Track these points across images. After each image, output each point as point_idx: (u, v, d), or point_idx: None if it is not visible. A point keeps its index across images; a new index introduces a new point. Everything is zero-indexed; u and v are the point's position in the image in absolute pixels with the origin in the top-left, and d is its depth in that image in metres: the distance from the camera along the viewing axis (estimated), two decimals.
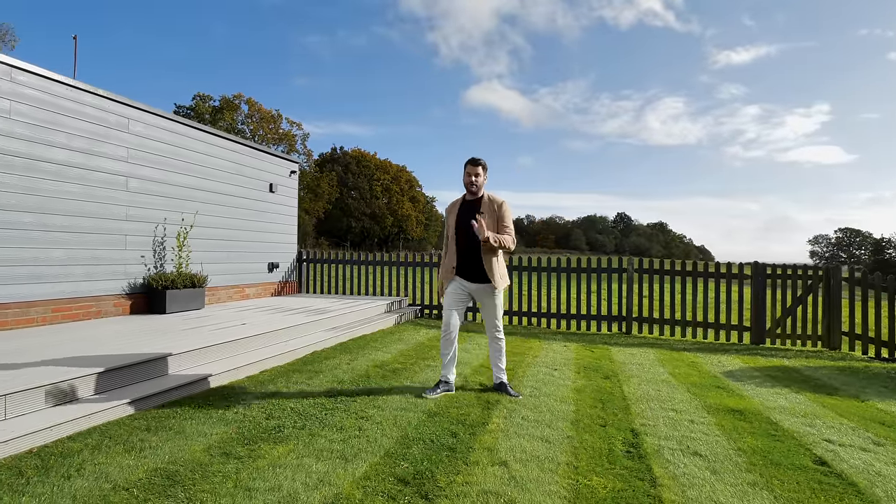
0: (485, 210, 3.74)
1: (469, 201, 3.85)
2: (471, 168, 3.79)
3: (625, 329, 7.35)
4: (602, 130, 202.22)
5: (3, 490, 2.11)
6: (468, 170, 3.80)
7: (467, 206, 3.83)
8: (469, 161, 3.81)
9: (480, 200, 3.79)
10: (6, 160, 4.68)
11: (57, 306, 5.16)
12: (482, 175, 3.80)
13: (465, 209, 3.81)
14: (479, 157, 3.81)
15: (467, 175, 3.79)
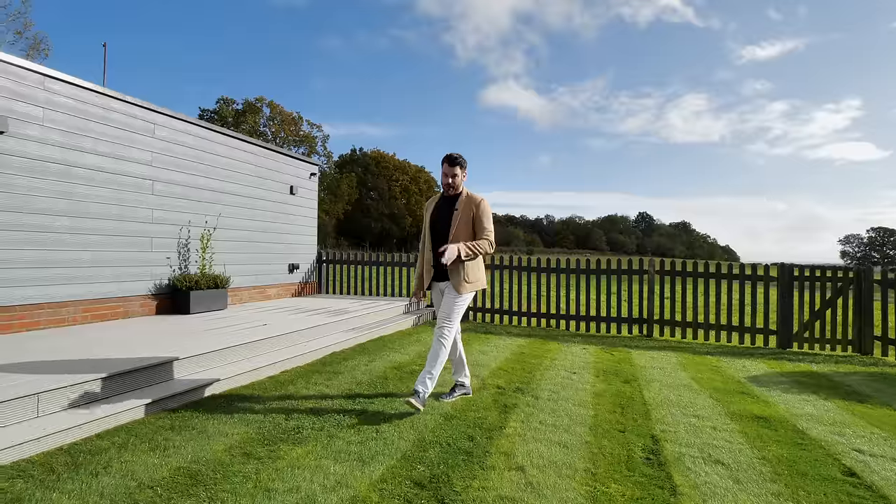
0: (461, 209, 3.53)
1: (446, 198, 3.65)
2: (447, 168, 3.56)
3: (646, 332, 7.24)
4: (622, 129, 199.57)
5: (36, 486, 2.19)
6: (445, 169, 3.57)
7: (445, 203, 3.63)
8: (445, 160, 3.56)
9: (458, 198, 3.59)
10: (41, 166, 4.85)
11: (87, 307, 5.33)
12: (459, 174, 3.56)
13: (442, 207, 3.62)
14: (456, 155, 3.56)
15: (444, 175, 3.58)
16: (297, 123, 46.48)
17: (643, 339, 6.96)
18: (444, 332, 3.51)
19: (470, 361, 5.01)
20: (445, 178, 3.58)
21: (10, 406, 2.69)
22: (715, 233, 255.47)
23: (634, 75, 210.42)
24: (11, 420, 2.69)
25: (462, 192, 3.60)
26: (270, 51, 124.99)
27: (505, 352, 5.61)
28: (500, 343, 6.17)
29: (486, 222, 3.54)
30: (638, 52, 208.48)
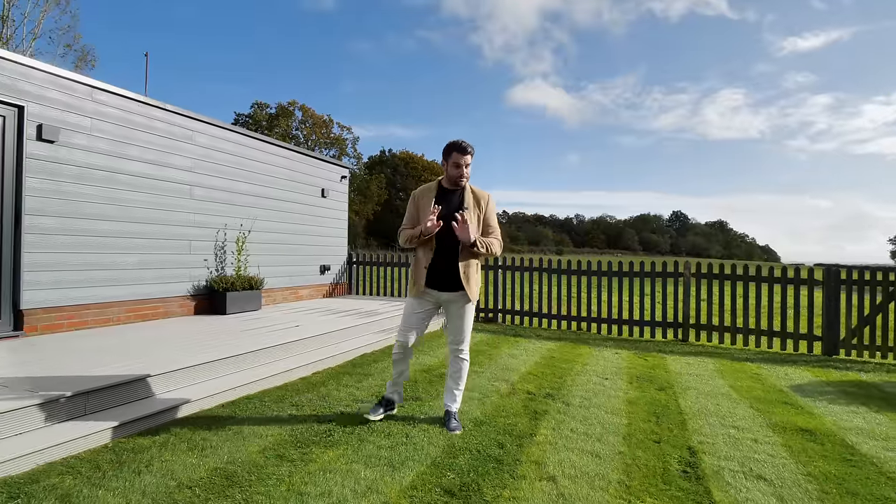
0: (468, 205, 3.13)
1: (447, 190, 3.18)
2: (460, 156, 3.07)
3: (681, 336, 7.03)
4: (655, 125, 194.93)
5: (83, 483, 2.30)
6: (456, 159, 3.07)
7: (447, 197, 3.14)
8: (456, 148, 3.08)
9: (462, 192, 3.17)
10: (89, 173, 5.09)
11: (130, 307, 5.56)
12: (470, 164, 3.15)
13: (447, 202, 3.12)
14: (467, 143, 3.11)
15: (455, 166, 3.08)
16: (328, 126, 47.29)
17: (678, 343, 6.77)
18: (466, 345, 3.28)
19: (499, 365, 4.99)
20: (457, 168, 3.09)
21: (61, 405, 2.82)
22: (753, 232, 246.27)
23: (668, 70, 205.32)
24: (64, 417, 2.83)
25: (466, 185, 3.20)
26: (301, 55, 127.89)
27: (535, 355, 5.55)
28: (530, 346, 6.10)
29: (494, 221, 3.25)
30: (671, 47, 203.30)
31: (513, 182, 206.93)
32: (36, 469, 2.41)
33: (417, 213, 3.20)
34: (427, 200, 3.14)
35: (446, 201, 3.12)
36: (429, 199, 3.14)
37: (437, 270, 3.13)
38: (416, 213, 3.22)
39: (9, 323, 4.50)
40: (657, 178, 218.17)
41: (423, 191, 3.24)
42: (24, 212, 4.55)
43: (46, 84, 4.74)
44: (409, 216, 3.26)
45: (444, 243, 3.10)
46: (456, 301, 3.18)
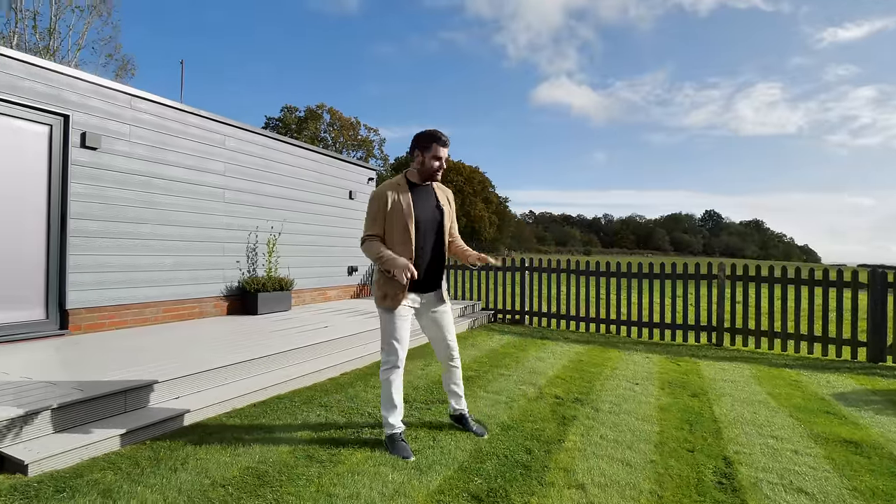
0: (445, 205, 2.99)
1: (419, 188, 2.91)
2: (441, 149, 2.85)
3: (715, 340, 6.81)
4: (686, 122, 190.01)
5: (123, 479, 2.38)
6: (436, 151, 2.84)
7: (420, 195, 2.90)
8: (436, 139, 2.84)
9: (433, 189, 2.99)
10: (128, 178, 5.29)
11: (167, 307, 5.76)
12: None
13: (421, 200, 2.89)
14: (444, 134, 2.89)
15: (435, 159, 2.85)
16: (356, 128, 47.90)
17: (712, 348, 6.56)
18: (456, 348, 3.14)
19: (526, 368, 4.95)
20: (437, 161, 2.86)
21: (102, 402, 2.94)
22: (791, 231, 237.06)
23: (699, 66, 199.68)
24: (105, 414, 2.94)
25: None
26: (327, 59, 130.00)
27: (562, 359, 5.48)
28: (558, 349, 6.03)
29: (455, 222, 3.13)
30: (701, 42, 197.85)
31: (538, 182, 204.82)
32: (80, 464, 2.52)
33: (384, 214, 2.80)
34: (402, 199, 2.81)
35: (419, 198, 2.88)
36: (404, 197, 2.82)
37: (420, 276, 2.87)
38: (383, 215, 2.81)
39: (55, 322, 4.72)
40: (688, 176, 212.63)
41: (392, 189, 2.83)
42: (70, 216, 4.77)
43: (89, 93, 4.95)
44: (375, 219, 2.81)
45: (424, 245, 2.87)
46: (437, 302, 3.02)
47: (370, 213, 2.84)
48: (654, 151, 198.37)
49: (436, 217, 2.93)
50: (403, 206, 2.80)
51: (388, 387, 2.85)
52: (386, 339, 2.87)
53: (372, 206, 2.84)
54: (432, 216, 2.91)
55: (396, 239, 2.80)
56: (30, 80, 4.49)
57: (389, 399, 2.84)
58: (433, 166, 2.87)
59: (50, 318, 4.68)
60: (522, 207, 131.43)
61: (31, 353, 4.02)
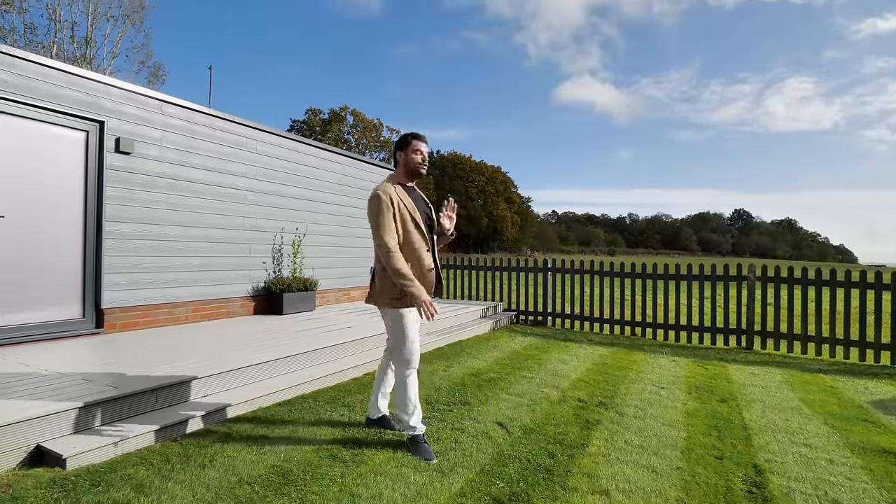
0: (431, 205, 3.06)
1: (409, 189, 2.95)
2: (420, 143, 2.90)
3: (745, 344, 6.62)
4: (713, 119, 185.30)
5: (155, 474, 2.46)
6: (417, 146, 2.88)
7: (414, 196, 2.93)
8: (412, 136, 2.91)
9: (416, 190, 3.02)
10: (159, 181, 5.46)
11: (196, 307, 5.91)
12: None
13: (416, 201, 2.91)
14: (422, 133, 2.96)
15: (416, 152, 2.88)
16: (378, 130, 48.31)
17: (741, 351, 6.38)
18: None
19: (548, 370, 4.90)
20: (419, 154, 2.89)
21: (134, 400, 3.04)
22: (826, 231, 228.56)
23: (727, 61, 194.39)
24: (137, 411, 3.04)
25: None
26: (349, 61, 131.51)
27: (586, 361, 5.41)
28: (581, 352, 5.95)
29: None
30: (728, 36, 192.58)
31: (561, 181, 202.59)
32: (114, 459, 2.61)
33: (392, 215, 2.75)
34: (404, 198, 2.83)
35: (415, 199, 2.92)
36: (405, 196, 2.84)
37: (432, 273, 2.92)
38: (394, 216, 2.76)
39: (91, 321, 4.90)
40: (716, 174, 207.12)
41: (394, 192, 2.81)
42: (105, 219, 4.94)
43: (123, 100, 5.13)
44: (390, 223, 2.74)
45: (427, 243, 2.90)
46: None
47: (382, 215, 2.72)
48: (681, 149, 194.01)
49: (428, 214, 2.97)
50: (407, 204, 2.81)
51: (406, 389, 2.84)
52: (400, 339, 2.82)
53: (382, 207, 2.72)
54: (427, 214, 2.96)
55: (411, 238, 2.78)
56: (68, 88, 4.67)
57: (410, 400, 2.84)
58: (416, 160, 2.88)
59: (86, 318, 4.86)
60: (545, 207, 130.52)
61: (68, 350, 4.19)
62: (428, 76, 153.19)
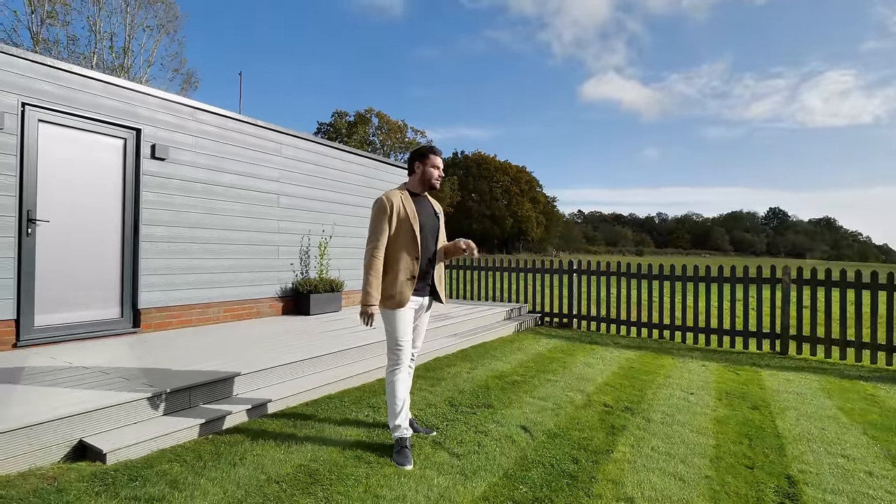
0: (440, 215, 3.15)
1: (419, 198, 3.05)
2: (437, 158, 3.05)
3: (779, 348, 6.41)
4: (746, 115, 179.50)
5: (188, 471, 2.55)
6: (434, 161, 3.02)
7: (421, 205, 3.04)
8: (431, 150, 3.05)
9: (427, 198, 3.13)
10: (192, 186, 5.65)
11: (227, 307, 6.09)
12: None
13: (422, 210, 3.02)
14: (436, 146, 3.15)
15: (434, 167, 3.01)
16: (403, 131, 48.65)
17: (775, 356, 6.17)
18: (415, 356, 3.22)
19: (573, 374, 4.86)
20: (436, 169, 3.03)
21: (169, 398, 3.16)
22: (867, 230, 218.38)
23: (760, 55, 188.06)
24: (172, 409, 3.16)
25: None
26: (373, 64, 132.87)
27: (612, 365, 5.34)
28: (607, 355, 5.87)
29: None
30: (761, 30, 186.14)
31: (587, 180, 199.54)
32: (150, 455, 2.72)
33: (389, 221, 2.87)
34: (407, 206, 2.92)
35: (420, 206, 3.02)
36: (408, 204, 2.93)
37: (421, 279, 2.98)
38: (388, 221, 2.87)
39: (129, 321, 5.11)
40: (748, 171, 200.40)
41: (397, 196, 2.94)
42: (142, 222, 5.14)
43: (158, 108, 5.32)
44: (382, 227, 2.86)
45: (426, 250, 2.98)
46: (427, 307, 3.15)
47: (377, 219, 2.88)
48: (711, 146, 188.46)
49: (435, 224, 3.07)
50: (409, 211, 2.92)
51: (392, 387, 2.91)
52: (391, 339, 2.92)
53: (379, 212, 2.88)
54: (432, 223, 3.05)
55: (403, 244, 2.88)
56: (108, 98, 4.88)
57: (396, 398, 2.89)
58: (432, 174, 3.02)
59: (124, 317, 5.07)
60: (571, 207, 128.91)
61: (108, 349, 4.37)
62: (451, 77, 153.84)
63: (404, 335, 2.91)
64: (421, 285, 2.98)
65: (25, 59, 4.32)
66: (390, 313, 2.89)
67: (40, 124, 4.44)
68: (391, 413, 2.91)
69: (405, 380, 2.94)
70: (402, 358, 2.92)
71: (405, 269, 2.87)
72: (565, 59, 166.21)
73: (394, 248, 2.88)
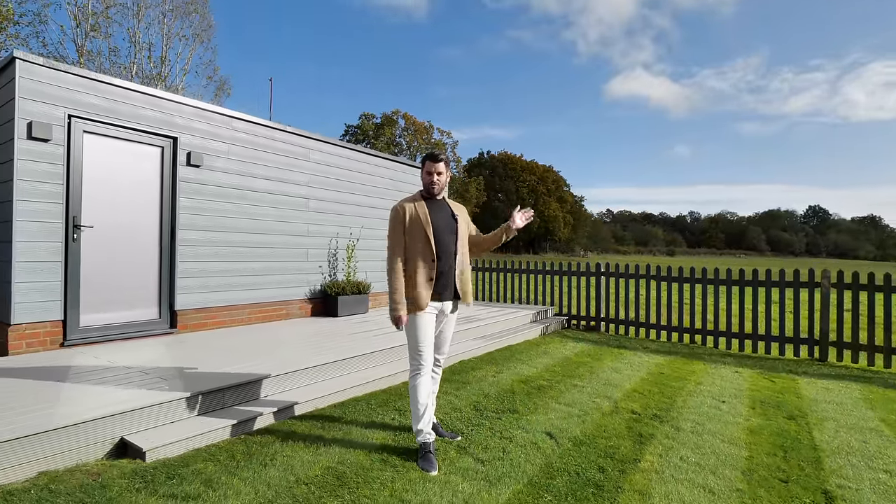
0: (460, 217, 3.16)
1: (433, 202, 3.13)
2: (431, 165, 3.08)
3: (817, 355, 6.16)
4: (784, 109, 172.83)
5: (222, 470, 2.65)
6: (428, 167, 3.08)
7: (435, 209, 3.09)
8: (428, 157, 3.12)
9: (445, 203, 3.18)
10: (225, 192, 5.83)
11: (259, 309, 6.26)
12: (445, 172, 3.12)
13: (437, 214, 3.07)
14: (438, 151, 3.20)
15: (427, 174, 3.08)
16: (429, 132, 48.86)
17: (814, 363, 5.94)
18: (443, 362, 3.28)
19: (601, 379, 4.80)
20: (430, 176, 3.08)
21: (206, 398, 3.28)
22: None
23: (798, 48, 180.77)
24: (207, 409, 3.28)
25: (444, 195, 3.21)
26: (397, 65, 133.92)
27: (641, 371, 5.25)
28: (636, 360, 5.77)
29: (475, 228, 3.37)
30: (798, 22, 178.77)
31: (615, 178, 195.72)
32: (186, 454, 2.84)
33: (404, 226, 3.01)
34: (419, 210, 3.02)
35: (434, 210, 3.09)
36: (421, 209, 3.03)
37: (439, 282, 3.01)
38: (403, 226, 3.01)
39: (166, 321, 5.32)
40: (785, 168, 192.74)
41: (409, 201, 3.09)
42: (178, 227, 5.35)
43: (194, 117, 5.52)
44: (398, 236, 3.00)
45: (443, 253, 3.01)
46: (452, 309, 3.13)
47: (392, 228, 3.03)
48: (746, 142, 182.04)
49: (451, 225, 3.09)
50: (421, 216, 3.00)
51: (416, 392, 2.94)
52: (411, 343, 2.98)
53: (393, 220, 3.04)
54: (447, 224, 3.07)
55: (418, 249, 2.96)
56: (148, 108, 5.10)
57: (418, 403, 2.93)
58: (426, 180, 3.09)
59: (162, 318, 5.28)
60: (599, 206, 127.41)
61: (147, 349, 4.57)
62: (475, 77, 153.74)
63: (424, 340, 2.95)
64: (441, 289, 3.01)
65: (71, 74, 4.55)
66: (410, 317, 2.96)
67: (85, 135, 4.67)
68: (414, 417, 2.95)
69: (427, 384, 2.97)
70: (422, 363, 2.96)
71: (422, 273, 2.94)
72: (591, 58, 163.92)
73: (410, 254, 2.98)
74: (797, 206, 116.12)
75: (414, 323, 2.95)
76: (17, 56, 4.22)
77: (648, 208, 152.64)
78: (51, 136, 4.38)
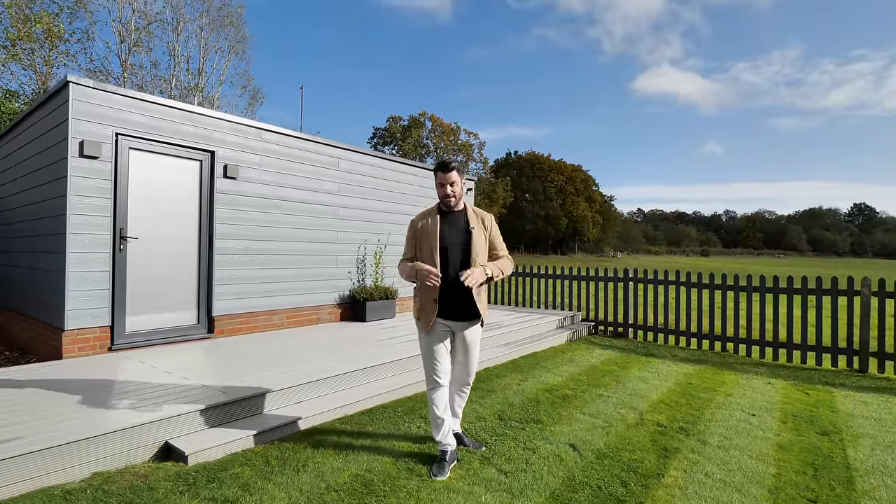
0: (476, 229, 2.99)
1: (448, 214, 3.04)
2: (443, 176, 2.94)
3: (857, 366, 5.95)
4: (824, 103, 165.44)
5: (257, 475, 2.80)
6: (440, 179, 2.95)
7: (449, 221, 3.01)
8: (439, 167, 2.97)
9: (463, 214, 3.04)
10: (259, 202, 6.07)
11: (290, 314, 6.49)
12: (459, 182, 2.96)
13: (449, 227, 2.99)
14: (450, 159, 3.06)
15: (440, 185, 2.96)
16: (456, 133, 48.97)
17: (852, 375, 5.74)
18: (471, 381, 3.25)
19: (626, 389, 4.78)
20: (443, 188, 2.96)
21: (243, 404, 3.46)
22: None
23: (839, 38, 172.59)
24: (244, 413, 3.46)
25: (464, 205, 3.07)
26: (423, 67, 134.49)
27: (668, 380, 5.19)
28: (664, 369, 5.71)
29: (499, 241, 3.14)
30: (838, 11, 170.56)
31: (646, 177, 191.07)
32: (224, 458, 3.01)
33: (416, 240, 3.04)
34: (430, 224, 2.99)
35: (450, 223, 3.00)
36: (433, 222, 2.99)
37: (449, 301, 2.94)
38: (415, 240, 3.05)
39: (204, 327, 5.58)
40: (826, 164, 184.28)
41: (424, 215, 3.08)
42: (215, 236, 5.60)
43: (229, 131, 5.77)
44: (409, 245, 3.10)
45: (450, 268, 2.93)
46: (470, 329, 3.05)
47: (406, 240, 3.15)
48: (783, 138, 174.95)
49: (463, 240, 2.97)
50: (431, 230, 2.98)
51: (431, 405, 3.03)
52: (425, 360, 3.06)
53: (407, 234, 3.14)
54: (459, 239, 2.97)
55: (425, 261, 2.96)
56: (187, 124, 5.36)
57: (434, 417, 3.02)
58: (441, 193, 3.00)
59: (200, 324, 5.55)
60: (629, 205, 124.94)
61: (187, 354, 4.81)
62: (500, 76, 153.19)
63: (432, 358, 3.00)
64: (450, 306, 2.94)
65: (118, 94, 4.84)
66: (420, 335, 3.06)
67: (131, 151, 4.96)
68: (433, 427, 3.05)
69: (442, 398, 3.01)
70: (434, 379, 3.01)
71: (427, 292, 2.95)
72: (617, 55, 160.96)
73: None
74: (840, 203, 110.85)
75: (422, 341, 3.04)
76: (70, 80, 4.52)
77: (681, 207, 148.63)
78: (100, 153, 4.67)
